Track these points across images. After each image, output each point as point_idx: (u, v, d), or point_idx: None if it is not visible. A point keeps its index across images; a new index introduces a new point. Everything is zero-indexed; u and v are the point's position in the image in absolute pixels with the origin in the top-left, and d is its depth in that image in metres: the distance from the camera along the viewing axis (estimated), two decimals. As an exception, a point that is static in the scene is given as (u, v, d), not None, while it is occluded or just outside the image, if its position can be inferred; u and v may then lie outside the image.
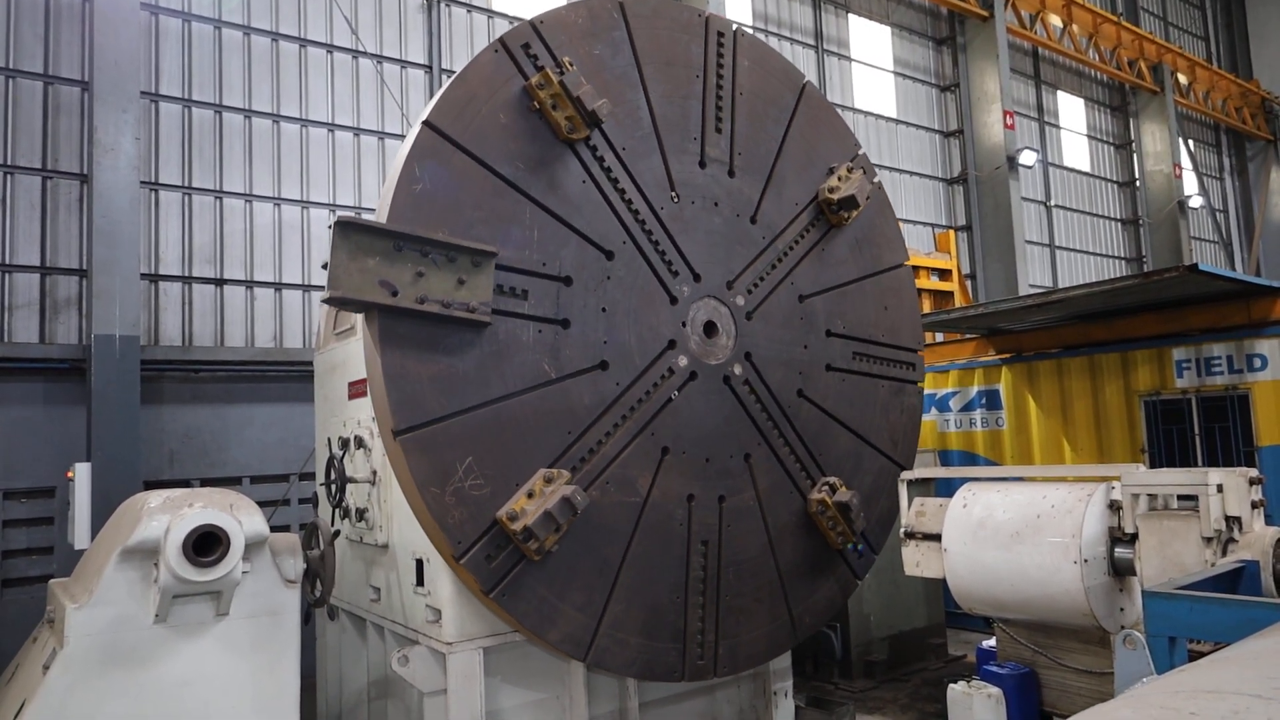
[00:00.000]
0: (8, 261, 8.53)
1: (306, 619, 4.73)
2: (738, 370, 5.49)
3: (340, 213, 10.39)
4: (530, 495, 4.52)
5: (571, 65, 4.79)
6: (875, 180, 6.45)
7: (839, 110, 8.87)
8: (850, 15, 16.52)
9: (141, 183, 8.93)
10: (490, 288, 4.50)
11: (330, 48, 10.53)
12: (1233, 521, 4.43)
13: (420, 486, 4.30)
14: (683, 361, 5.24)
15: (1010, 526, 5.24)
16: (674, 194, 5.34)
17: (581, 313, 4.88)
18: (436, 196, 4.47)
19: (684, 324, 5.27)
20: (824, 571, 5.92)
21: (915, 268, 13.10)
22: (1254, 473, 4.54)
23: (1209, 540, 4.39)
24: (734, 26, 5.85)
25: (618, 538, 4.92)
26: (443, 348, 4.41)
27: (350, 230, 4.20)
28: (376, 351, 4.28)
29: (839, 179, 6.13)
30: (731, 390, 5.46)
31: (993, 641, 6.30)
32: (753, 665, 5.64)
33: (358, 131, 10.65)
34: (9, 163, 8.61)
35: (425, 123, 4.49)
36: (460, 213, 4.52)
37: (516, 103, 4.76)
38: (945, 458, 10.24)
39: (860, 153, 6.45)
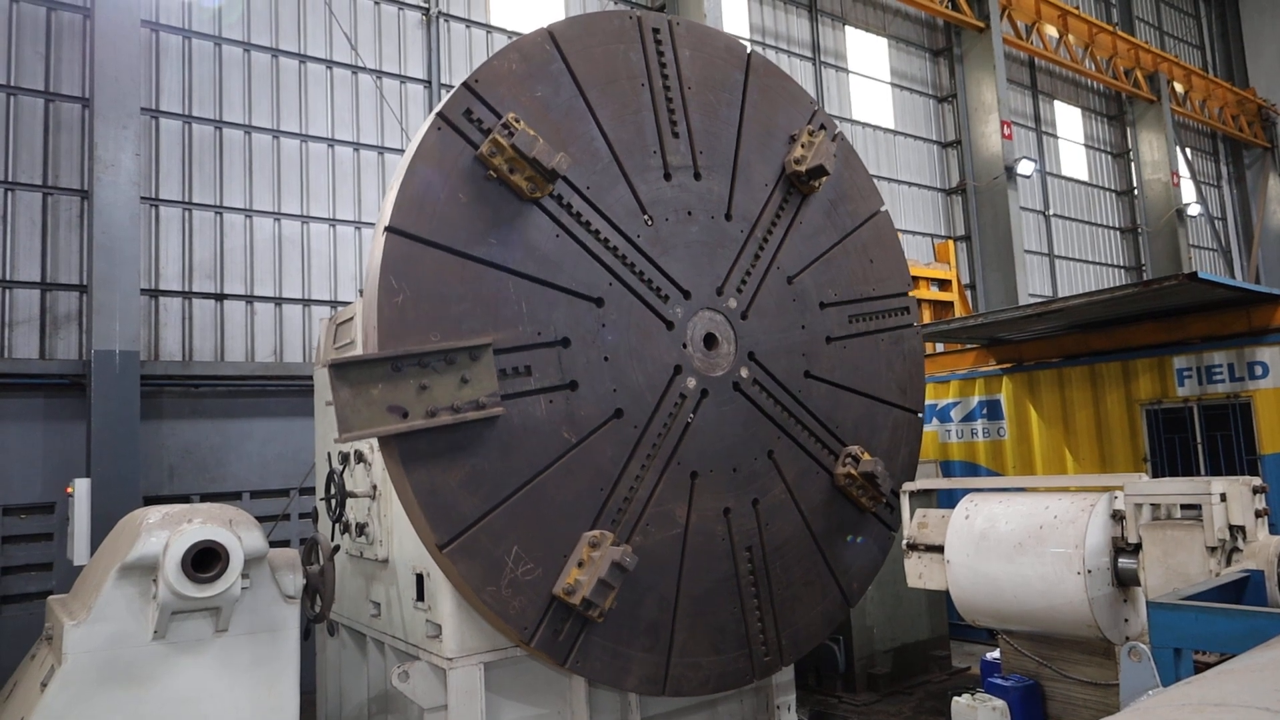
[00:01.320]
0: (8, 277, 8.54)
1: (306, 635, 4.71)
2: (745, 373, 5.50)
3: (339, 228, 10.42)
4: (581, 565, 4.62)
5: (519, 121, 4.58)
6: (836, 133, 6.25)
7: (837, 121, 8.83)
8: (847, 28, 16.60)
9: (142, 198, 8.95)
10: (494, 377, 4.46)
11: (330, 63, 10.57)
12: (1236, 531, 4.40)
13: (477, 590, 4.40)
14: (691, 383, 5.24)
15: (1013, 537, 5.22)
16: (647, 217, 5.20)
17: (586, 369, 4.84)
18: (420, 302, 4.36)
19: (685, 345, 5.25)
20: (861, 535, 6.08)
21: (915, 278, 13.12)
22: (1257, 481, 4.52)
23: (1213, 550, 4.36)
24: (667, 20, 5.57)
25: (668, 572, 5.06)
26: (464, 450, 4.39)
27: (346, 370, 4.13)
28: (403, 476, 4.27)
29: (803, 146, 5.90)
30: (743, 395, 5.48)
31: (997, 653, 6.27)
32: (815, 643, 5.85)
33: (357, 146, 10.67)
34: (10, 179, 8.63)
35: (389, 229, 4.33)
36: (447, 309, 4.42)
37: (472, 174, 4.59)
38: (947, 468, 10.21)
39: (816, 110, 6.20)
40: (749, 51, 5.97)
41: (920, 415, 6.53)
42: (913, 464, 6.44)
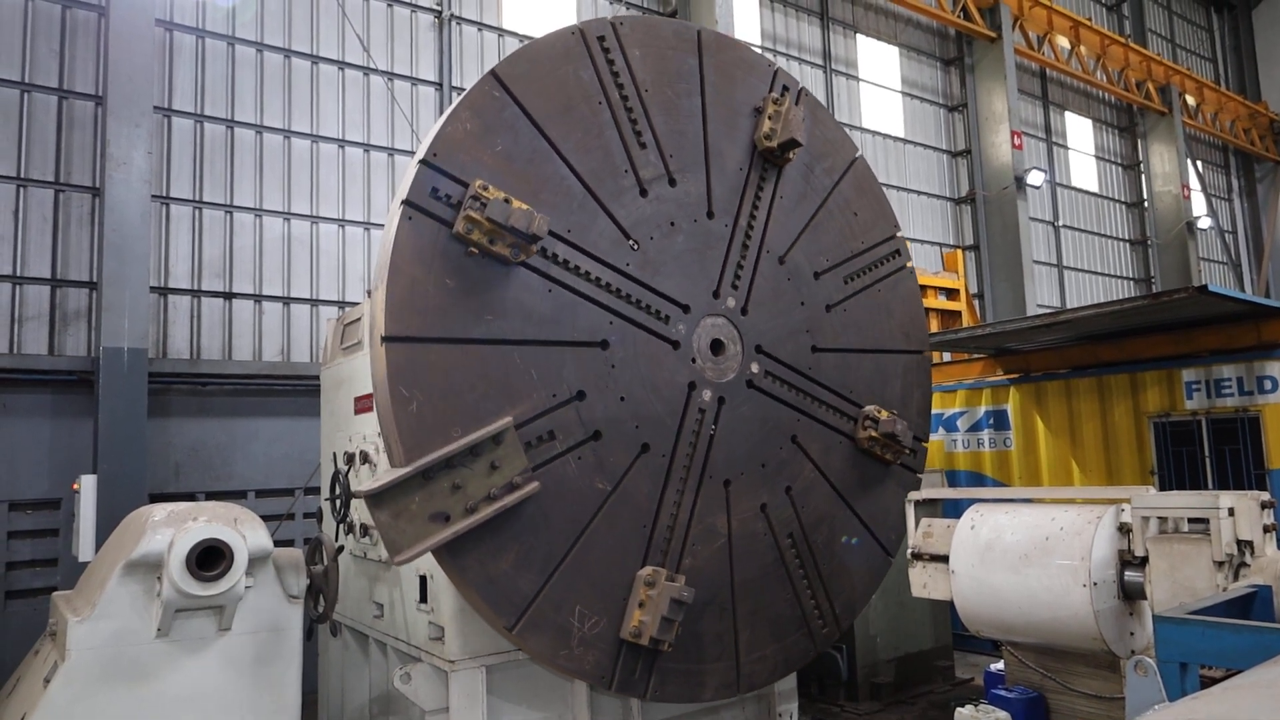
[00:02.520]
0: (19, 273, 8.58)
1: (309, 635, 4.72)
2: (755, 368, 5.50)
3: (348, 229, 10.45)
4: (641, 604, 4.74)
5: (486, 189, 4.40)
6: (799, 90, 6.03)
7: (846, 130, 8.80)
8: (859, 36, 16.60)
9: (153, 196, 8.99)
10: (521, 453, 4.45)
11: (342, 64, 10.62)
12: (1244, 545, 4.37)
13: (552, 660, 4.55)
14: (707, 395, 5.25)
15: (1018, 549, 5.19)
16: (632, 242, 5.05)
17: (606, 414, 4.83)
18: (433, 403, 4.27)
19: (694, 360, 5.23)
20: (887, 488, 6.22)
21: (923, 287, 13.08)
22: (1265, 496, 4.49)
23: (1220, 564, 4.34)
24: (609, 22, 5.24)
25: (720, 583, 5.22)
26: (509, 533, 4.44)
27: (381, 498, 4.09)
28: (459, 575, 4.34)
29: (770, 119, 5.67)
30: (758, 390, 5.51)
31: (1001, 665, 6.24)
32: (865, 602, 6.10)
33: (368, 148, 10.71)
34: (22, 175, 8.67)
35: (386, 339, 4.22)
36: (461, 400, 4.35)
37: (453, 254, 4.42)
38: (953, 478, 10.17)
39: (776, 71, 5.93)
40: (698, 30, 5.67)
41: (927, 354, 6.59)
42: (927, 406, 6.56)
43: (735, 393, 5.38)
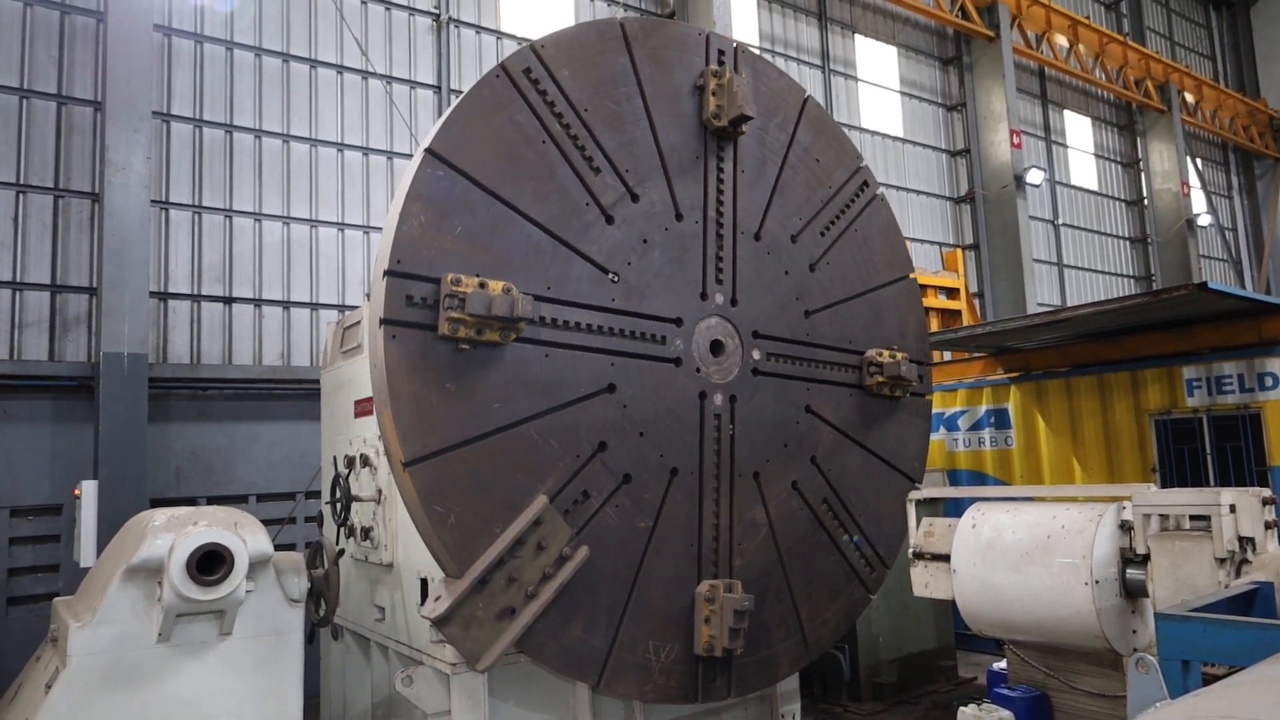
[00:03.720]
0: (19, 279, 8.58)
1: (310, 638, 4.71)
2: (757, 355, 5.52)
3: (348, 232, 10.45)
4: (707, 621, 4.96)
5: (458, 283, 4.27)
6: (735, 49, 5.71)
7: (845, 130, 8.79)
8: (857, 36, 16.61)
9: (152, 202, 8.99)
10: (562, 523, 4.53)
11: (340, 68, 10.62)
12: (1246, 542, 4.37)
13: (642, 698, 4.89)
14: (718, 399, 5.29)
15: (1020, 547, 5.19)
16: (612, 275, 4.95)
17: (630, 455, 4.89)
18: (469, 508, 4.31)
19: (697, 369, 5.24)
20: (900, 420, 6.36)
21: (923, 286, 13.06)
22: (1267, 493, 4.49)
23: (1222, 561, 4.33)
24: (531, 49, 4.89)
25: (773, 568, 5.47)
26: (570, 601, 4.56)
27: (446, 620, 4.20)
28: (538, 658, 4.55)
29: (714, 94, 5.41)
30: (764, 375, 5.54)
31: (1003, 664, 6.23)
32: (903, 534, 6.24)
33: (366, 151, 10.71)
34: (22, 181, 8.68)
35: (407, 464, 4.19)
36: (494, 496, 4.38)
37: (446, 353, 4.34)
38: (954, 477, 10.17)
39: (709, 37, 5.60)
40: (619, 22, 5.28)
41: (911, 277, 6.59)
42: (923, 328, 6.65)
43: (744, 386, 5.44)
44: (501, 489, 4.41)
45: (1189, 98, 23.23)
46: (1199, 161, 24.18)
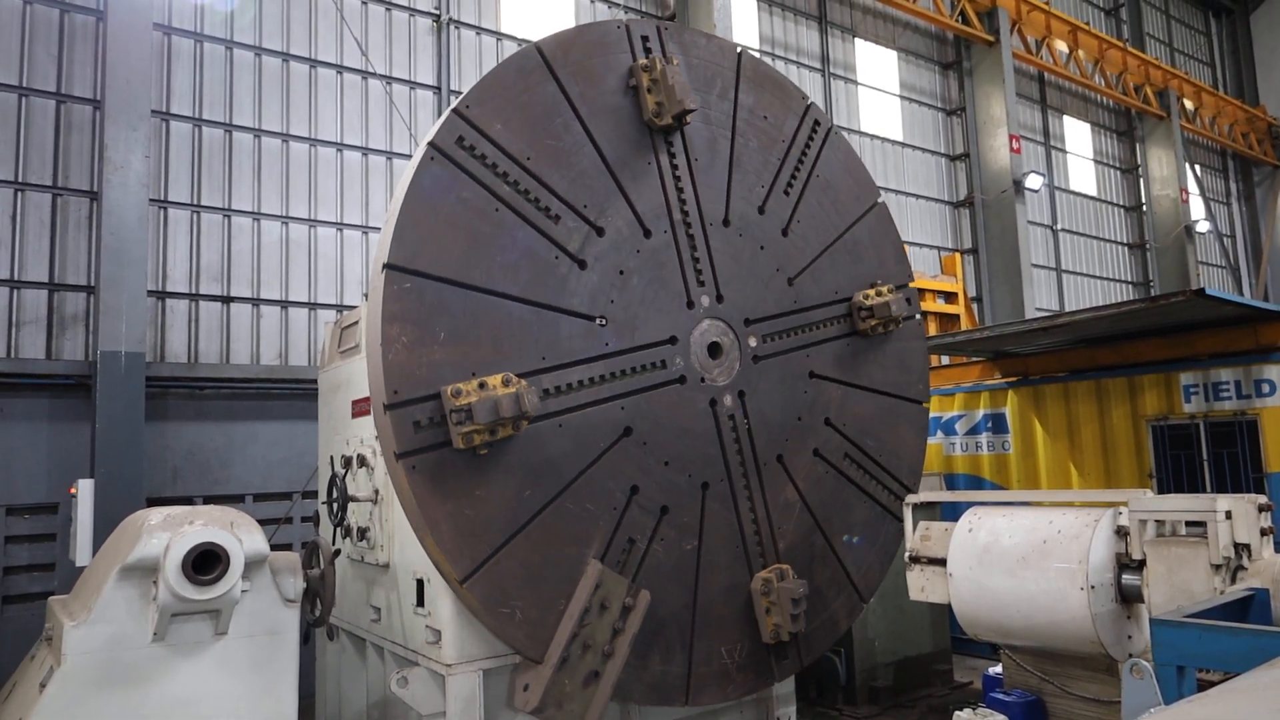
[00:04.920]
0: (16, 277, 8.57)
1: (306, 639, 4.70)
2: (753, 342, 5.54)
3: (346, 232, 10.44)
4: (768, 611, 5.26)
5: (459, 393, 4.27)
6: (659, 33, 5.47)
7: (845, 134, 8.76)
8: (857, 40, 16.63)
9: (150, 200, 8.99)
10: (617, 578, 4.72)
11: (340, 68, 10.62)
12: (1241, 549, 4.37)
13: (724, 699, 5.25)
14: (728, 400, 5.42)
15: (1016, 552, 5.19)
16: (600, 320, 4.91)
17: (661, 486, 5.04)
18: (531, 599, 4.50)
19: (702, 379, 5.30)
20: (898, 348, 6.38)
21: (921, 291, 13.08)
22: (1263, 499, 4.49)
23: (1217, 567, 4.33)
24: (456, 113, 4.62)
25: (814, 538, 5.74)
26: (643, 644, 4.81)
27: (541, 709, 4.39)
28: (637, 701, 4.91)
29: (649, 91, 5.17)
30: (765, 358, 5.60)
31: (999, 668, 6.23)
32: (922, 458, 6.46)
33: (366, 151, 10.71)
34: (20, 180, 8.67)
35: (464, 581, 4.33)
36: (550, 578, 4.57)
37: (468, 461, 4.36)
38: (951, 481, 10.17)
39: (626, 26, 5.34)
40: (537, 48, 4.98)
41: (881, 202, 6.46)
42: (899, 250, 6.55)
43: (749, 378, 5.50)
44: (554, 568, 4.58)
45: (1188, 104, 23.26)
46: (1198, 168, 24.21)
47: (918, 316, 6.60)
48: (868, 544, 6.01)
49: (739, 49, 5.91)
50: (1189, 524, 4.57)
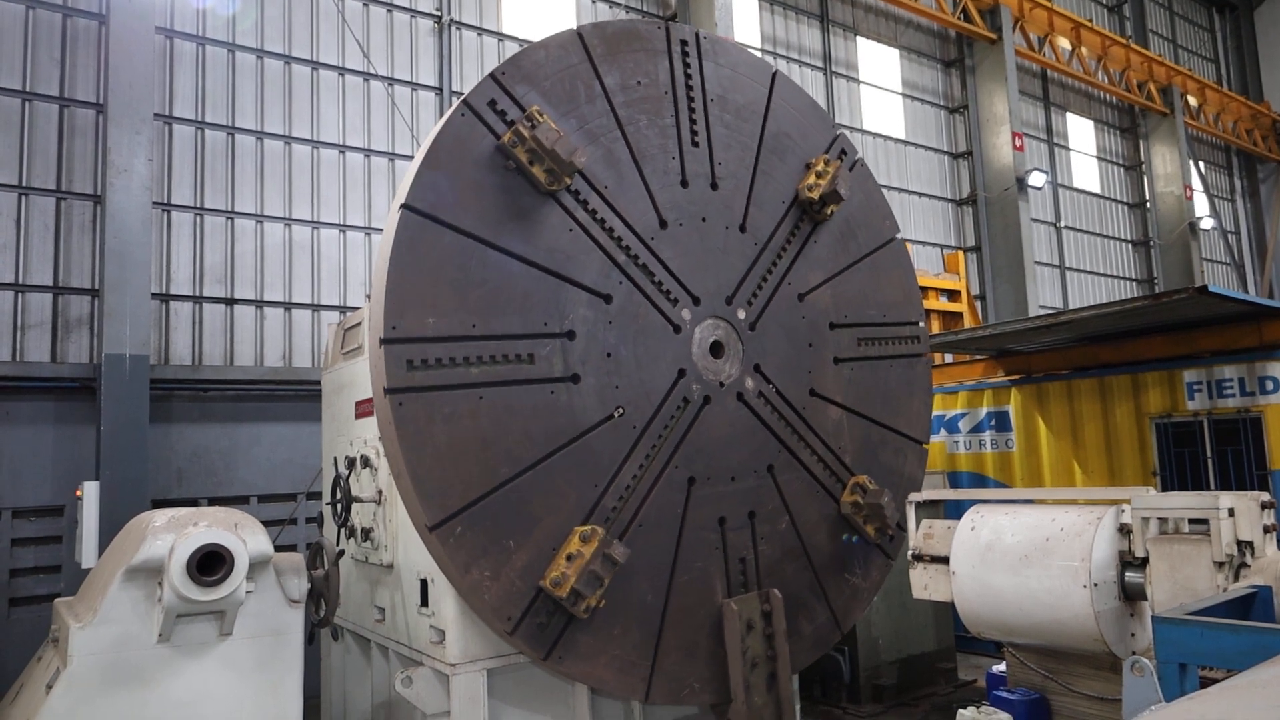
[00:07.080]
0: (21, 281, 8.60)
1: (310, 639, 4.72)
2: (742, 314, 5.51)
3: (349, 234, 10.46)
4: (866, 520, 5.79)
5: (561, 586, 4.46)
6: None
7: (847, 133, 8.79)
8: (859, 38, 16.61)
9: (154, 203, 9.01)
10: (746, 596, 5.20)
11: (342, 70, 10.64)
12: (1245, 546, 4.37)
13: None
14: (749, 383, 5.45)
15: (1019, 550, 5.19)
16: (618, 410, 4.91)
17: (734, 496, 5.34)
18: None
19: (721, 385, 5.35)
20: (835, 227, 6.27)
21: (925, 288, 13.06)
22: (1266, 496, 4.49)
23: (1220, 565, 4.33)
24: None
25: (868, 429, 6.03)
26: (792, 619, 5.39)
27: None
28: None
29: (532, 164, 4.71)
30: (757, 318, 5.59)
31: (1003, 666, 6.23)
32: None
33: (368, 153, 10.73)
34: (24, 184, 8.70)
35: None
36: (698, 656, 5.05)
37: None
38: (954, 479, 10.16)
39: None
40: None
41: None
42: (822, 117, 6.30)
43: (755, 348, 5.55)
44: (692, 618, 5.12)
45: (1192, 101, 23.20)
46: (1201, 165, 24.16)
47: (860, 161, 6.39)
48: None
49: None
50: (1192, 521, 4.57)
